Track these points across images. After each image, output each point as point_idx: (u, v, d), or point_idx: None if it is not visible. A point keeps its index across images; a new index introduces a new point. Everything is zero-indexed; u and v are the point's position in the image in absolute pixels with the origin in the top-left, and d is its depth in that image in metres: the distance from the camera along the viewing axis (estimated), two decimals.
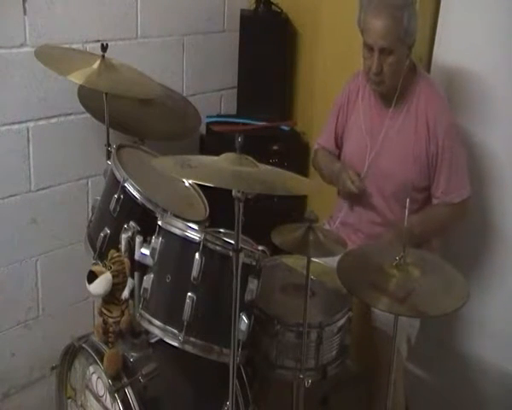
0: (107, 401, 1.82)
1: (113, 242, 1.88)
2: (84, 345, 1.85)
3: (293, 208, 2.69)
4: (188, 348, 1.67)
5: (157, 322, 1.69)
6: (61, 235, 2.52)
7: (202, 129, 2.81)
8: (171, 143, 2.43)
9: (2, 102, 2.24)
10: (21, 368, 2.53)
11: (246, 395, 1.92)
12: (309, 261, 1.68)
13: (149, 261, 1.73)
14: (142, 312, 1.72)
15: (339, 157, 2.34)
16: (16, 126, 2.30)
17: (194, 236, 1.66)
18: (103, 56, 2.10)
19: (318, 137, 2.43)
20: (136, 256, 1.78)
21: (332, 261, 1.74)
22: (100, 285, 1.77)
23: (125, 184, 1.88)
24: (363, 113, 2.22)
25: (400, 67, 2.04)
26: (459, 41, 2.32)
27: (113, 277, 1.77)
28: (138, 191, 1.87)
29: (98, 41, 2.27)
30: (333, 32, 2.69)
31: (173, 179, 2.07)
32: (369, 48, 2.01)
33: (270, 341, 1.80)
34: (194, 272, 1.64)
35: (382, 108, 2.17)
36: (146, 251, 1.74)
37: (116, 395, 1.73)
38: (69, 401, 2.01)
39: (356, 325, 1.93)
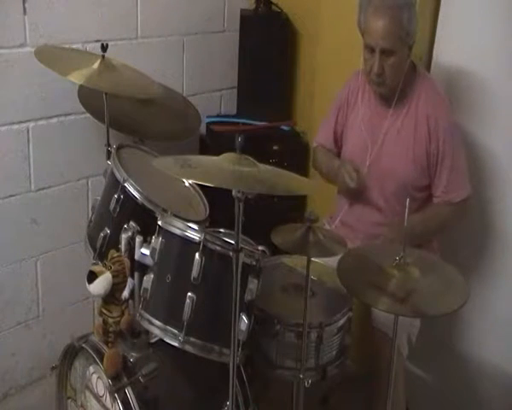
0: (107, 401, 1.82)
1: (113, 242, 1.88)
2: (84, 345, 1.85)
3: (293, 208, 2.68)
4: (188, 348, 1.67)
5: (157, 322, 1.69)
6: (61, 235, 2.52)
7: (202, 129, 2.81)
8: (171, 143, 2.43)
9: (2, 102, 2.24)
10: (21, 368, 2.53)
11: (246, 395, 1.92)
12: (309, 261, 1.68)
13: (149, 261, 1.73)
14: (142, 312, 1.72)
15: (338, 155, 2.34)
16: (16, 126, 2.30)
17: (194, 236, 1.66)
18: (103, 56, 2.10)
19: (316, 135, 2.43)
20: (136, 256, 1.78)
21: (332, 261, 1.74)
22: (100, 285, 1.76)
23: (125, 184, 1.88)
24: (363, 113, 2.22)
25: (401, 67, 2.04)
26: (459, 41, 2.32)
27: (113, 277, 1.77)
28: (138, 191, 1.87)
29: (98, 41, 2.27)
30: (333, 32, 2.69)
31: (173, 179, 2.06)
32: (370, 49, 2.01)
33: (270, 341, 1.80)
34: (194, 272, 1.64)
35: (383, 108, 2.17)
36: (146, 251, 1.75)
37: (116, 395, 1.73)
38: (69, 401, 2.01)
39: (356, 325, 1.93)
